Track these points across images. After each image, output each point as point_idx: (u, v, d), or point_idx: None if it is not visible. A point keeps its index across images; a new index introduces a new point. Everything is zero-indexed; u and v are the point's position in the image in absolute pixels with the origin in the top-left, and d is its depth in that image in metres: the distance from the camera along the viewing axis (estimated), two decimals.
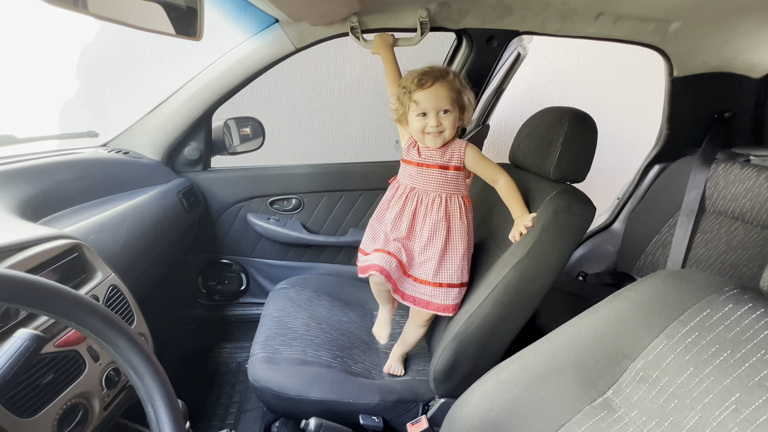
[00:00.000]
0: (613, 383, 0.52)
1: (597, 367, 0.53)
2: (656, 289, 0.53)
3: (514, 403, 0.57)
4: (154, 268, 1.06)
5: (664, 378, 0.47)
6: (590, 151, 0.88)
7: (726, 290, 0.47)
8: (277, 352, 0.94)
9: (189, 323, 1.45)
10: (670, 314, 0.49)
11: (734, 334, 0.43)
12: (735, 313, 0.45)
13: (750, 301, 0.45)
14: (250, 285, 1.46)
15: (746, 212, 1.13)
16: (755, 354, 0.41)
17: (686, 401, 0.44)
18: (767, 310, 0.43)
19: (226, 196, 1.35)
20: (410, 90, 0.85)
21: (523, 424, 0.56)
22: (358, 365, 0.99)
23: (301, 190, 1.38)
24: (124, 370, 0.43)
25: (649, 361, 0.49)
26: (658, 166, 1.45)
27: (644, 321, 0.51)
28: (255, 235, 1.40)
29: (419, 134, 0.87)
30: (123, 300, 0.71)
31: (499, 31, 1.06)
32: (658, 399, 0.47)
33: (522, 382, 0.58)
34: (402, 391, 0.92)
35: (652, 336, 0.50)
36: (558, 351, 0.57)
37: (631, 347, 0.51)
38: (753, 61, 1.18)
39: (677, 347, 0.47)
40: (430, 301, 0.90)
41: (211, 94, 1.14)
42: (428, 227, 0.89)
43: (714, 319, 0.46)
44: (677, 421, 0.44)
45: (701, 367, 0.44)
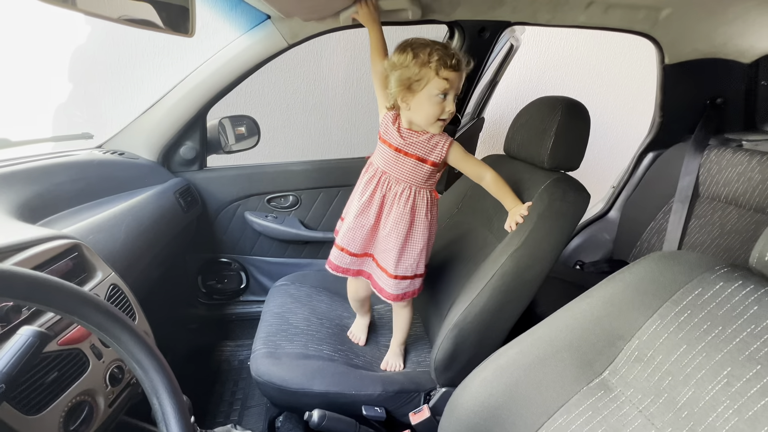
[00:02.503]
0: (609, 364, 0.53)
1: (593, 348, 0.54)
2: (649, 270, 0.54)
3: (513, 387, 0.58)
4: (153, 268, 1.06)
5: (659, 356, 0.48)
6: (584, 140, 0.89)
7: (717, 269, 0.48)
8: (279, 347, 0.95)
9: (190, 323, 1.46)
10: (664, 294, 0.50)
11: (725, 311, 0.44)
12: (726, 290, 0.46)
13: (740, 279, 0.46)
14: (249, 283, 1.47)
15: (739, 196, 1.14)
16: (745, 329, 0.42)
17: (680, 378, 0.45)
18: (756, 287, 0.44)
19: (223, 195, 1.35)
20: (438, 65, 0.75)
21: (523, 407, 0.57)
22: (360, 358, 1.00)
23: (298, 186, 1.38)
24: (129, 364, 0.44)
25: (644, 340, 0.50)
26: (652, 154, 1.46)
27: (638, 302, 0.52)
28: (253, 233, 1.40)
29: (429, 117, 0.79)
30: (124, 299, 0.71)
31: (490, 23, 1.07)
32: (653, 377, 0.48)
33: (520, 367, 0.59)
34: (404, 381, 0.93)
35: (646, 316, 0.51)
36: (555, 335, 0.58)
37: (626, 328, 0.52)
38: (743, 46, 1.19)
39: (671, 326, 0.48)
40: (383, 289, 0.92)
41: (204, 92, 1.14)
42: (392, 218, 0.87)
43: (706, 297, 0.47)
44: (672, 398, 0.45)
45: (694, 344, 0.45)
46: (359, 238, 0.91)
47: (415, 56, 0.76)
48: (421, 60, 0.75)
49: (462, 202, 1.15)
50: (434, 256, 1.05)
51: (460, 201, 1.16)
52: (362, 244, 0.92)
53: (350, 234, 0.91)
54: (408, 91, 0.78)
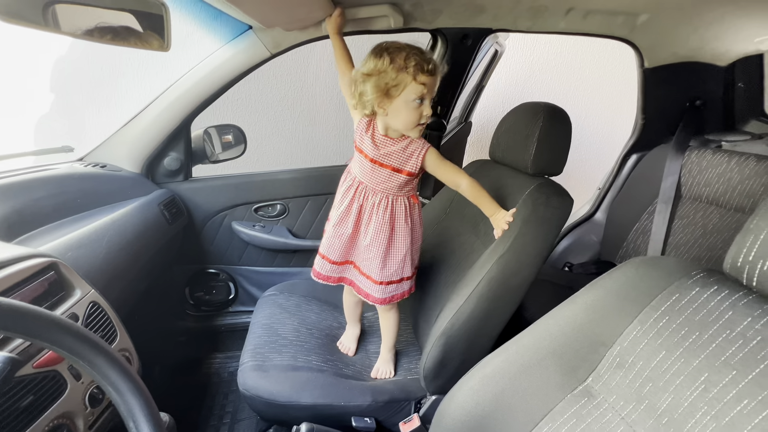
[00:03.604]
0: (592, 370, 0.53)
1: (577, 355, 0.55)
2: (629, 276, 0.54)
3: (499, 396, 0.58)
4: (139, 281, 1.04)
5: (639, 362, 0.48)
6: (566, 145, 0.90)
7: (693, 274, 0.49)
8: (267, 360, 0.94)
9: (178, 335, 1.43)
10: (643, 300, 0.51)
11: (701, 316, 0.45)
12: (702, 296, 0.46)
13: (715, 284, 0.46)
14: (238, 293, 1.45)
15: (719, 197, 1.16)
16: (721, 334, 0.42)
17: (660, 384, 0.45)
18: (731, 292, 0.44)
19: (210, 206, 1.33)
20: (415, 70, 0.73)
21: (509, 416, 0.57)
22: (349, 368, 1.00)
23: (285, 195, 1.38)
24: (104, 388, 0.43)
25: (625, 347, 0.51)
26: (636, 156, 1.48)
27: (619, 308, 0.53)
28: (241, 243, 1.39)
29: (408, 123, 0.78)
30: (104, 316, 0.70)
31: (472, 30, 1.08)
32: (634, 383, 0.48)
33: (506, 375, 0.59)
34: (394, 390, 0.92)
35: (626, 322, 0.51)
36: (539, 342, 0.58)
37: (608, 334, 0.53)
38: (719, 49, 1.21)
39: (650, 332, 0.49)
40: (369, 294, 0.92)
41: (188, 103, 1.13)
42: (372, 228, 0.87)
43: (683, 302, 0.47)
44: (652, 404, 0.45)
45: (672, 350, 0.45)
46: (338, 247, 0.91)
47: (392, 61, 0.74)
48: (398, 65, 0.74)
49: (450, 207, 1.16)
50: (423, 262, 1.05)
51: (447, 207, 1.16)
52: (342, 252, 0.92)
53: (329, 242, 0.92)
54: (385, 96, 0.76)
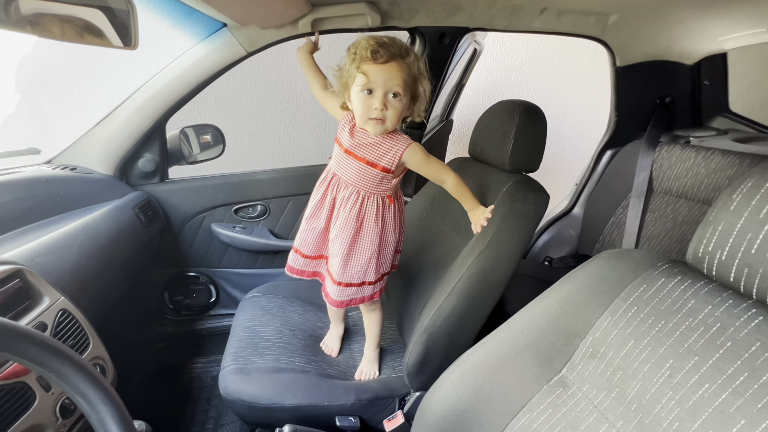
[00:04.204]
0: (567, 361, 0.55)
1: (552, 347, 0.56)
2: (600, 269, 0.56)
3: (479, 390, 0.59)
4: (114, 287, 1.01)
5: (610, 352, 0.50)
6: (541, 142, 0.92)
7: (659, 265, 0.51)
8: (249, 363, 0.93)
9: (158, 341, 1.40)
10: (613, 292, 0.52)
11: (667, 306, 0.47)
12: (667, 286, 0.48)
13: (679, 274, 0.48)
14: (220, 296, 1.42)
15: (688, 190, 1.21)
16: (684, 322, 0.44)
17: (629, 372, 0.47)
18: (693, 281, 0.46)
19: (188, 207, 1.31)
20: (360, 58, 0.71)
21: (488, 409, 0.58)
22: (333, 368, 0.99)
23: (266, 195, 1.36)
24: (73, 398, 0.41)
25: (597, 337, 0.52)
26: (610, 152, 1.53)
27: (591, 300, 0.54)
28: (221, 245, 1.36)
29: (361, 116, 0.76)
30: (75, 324, 0.68)
31: (449, 29, 1.09)
32: (606, 372, 0.50)
33: (485, 370, 0.60)
34: (377, 388, 0.93)
35: (598, 314, 0.53)
36: (516, 336, 0.59)
37: (581, 326, 0.54)
38: (686, 48, 1.26)
39: (620, 322, 0.50)
40: (328, 294, 0.92)
41: (162, 102, 1.10)
42: (338, 223, 0.84)
43: (650, 293, 0.49)
44: (622, 391, 0.47)
45: (640, 339, 0.47)
46: (311, 240, 0.90)
47: (348, 54, 0.75)
48: (350, 53, 0.74)
49: (431, 205, 1.16)
50: (405, 259, 1.06)
51: (429, 204, 1.17)
52: (315, 246, 0.91)
53: (302, 236, 0.91)
54: (345, 89, 0.77)
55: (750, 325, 0.39)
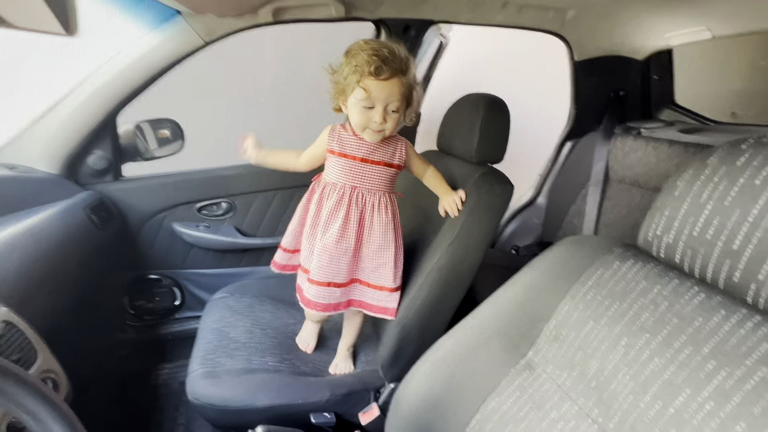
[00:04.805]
0: (532, 345, 0.57)
1: (518, 332, 0.58)
2: (560, 255, 0.58)
3: (450, 378, 0.61)
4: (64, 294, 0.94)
5: (572, 334, 0.53)
6: (505, 133, 0.94)
7: (614, 250, 0.54)
8: (218, 365, 0.90)
9: (119, 349, 1.32)
10: (573, 277, 0.55)
11: (621, 287, 0.50)
12: (621, 269, 0.51)
13: (631, 258, 0.51)
14: (185, 299, 1.37)
15: (640, 178, 1.29)
16: (636, 302, 0.47)
17: (589, 351, 0.50)
18: (644, 263, 0.49)
19: (146, 207, 1.23)
20: (360, 72, 0.72)
21: (460, 395, 0.59)
22: (308, 365, 0.98)
23: (231, 192, 1.31)
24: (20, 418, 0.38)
25: (560, 320, 0.55)
26: (570, 143, 1.60)
27: (553, 285, 0.57)
28: (184, 245, 1.30)
29: (359, 125, 0.78)
30: (20, 336, 0.62)
31: (414, 21, 1.08)
32: (568, 353, 0.52)
33: (456, 358, 0.61)
34: (352, 383, 0.93)
35: (559, 298, 0.55)
36: (485, 323, 0.61)
37: (544, 310, 0.57)
38: (636, 44, 1.33)
39: (579, 305, 0.53)
40: (388, 308, 0.88)
41: (112, 94, 1.02)
42: (377, 231, 0.84)
43: (605, 276, 0.52)
44: (582, 370, 0.49)
45: (598, 320, 0.50)
46: (344, 265, 0.84)
47: (348, 60, 0.75)
48: (351, 65, 0.74)
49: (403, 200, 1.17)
50: None
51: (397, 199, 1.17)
52: (348, 271, 0.85)
53: (334, 265, 0.83)
54: (342, 95, 0.78)
55: (693, 302, 0.43)
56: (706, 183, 0.41)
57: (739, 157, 0.39)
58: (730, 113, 1.86)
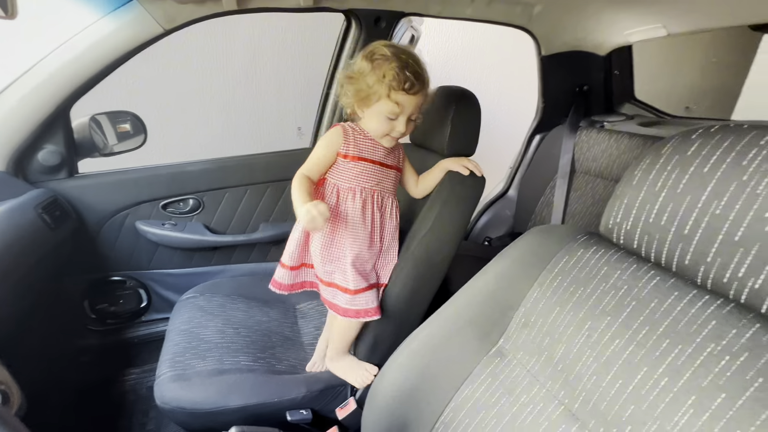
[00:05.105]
0: (503, 333, 0.59)
1: (489, 321, 0.60)
2: (529, 244, 0.60)
3: (425, 368, 0.61)
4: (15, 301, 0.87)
5: (540, 320, 0.54)
6: (476, 127, 0.96)
7: (578, 238, 0.56)
8: (189, 368, 0.87)
9: (80, 355, 1.25)
10: (541, 265, 0.57)
11: (585, 274, 0.52)
12: (585, 256, 0.53)
13: (594, 245, 0.53)
14: (152, 300, 1.31)
15: (604, 170, 1.35)
16: (599, 287, 0.49)
17: (555, 336, 0.51)
18: (606, 250, 0.52)
19: (106, 205, 1.17)
20: (389, 86, 0.73)
21: (435, 385, 0.60)
22: (283, 363, 0.97)
23: (198, 188, 1.26)
24: None
25: (528, 308, 0.56)
26: (539, 136, 1.64)
27: (522, 274, 0.58)
28: (149, 245, 1.24)
29: (378, 132, 0.79)
30: None
31: (385, 12, 1.07)
32: (536, 339, 0.54)
33: (430, 348, 0.62)
34: (329, 378, 0.92)
35: (529, 286, 0.57)
36: (458, 313, 0.62)
37: (514, 298, 0.58)
38: (598, 40, 1.38)
39: (547, 292, 0.55)
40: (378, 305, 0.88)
41: (62, 84, 0.95)
42: (389, 233, 0.87)
43: (571, 263, 0.54)
44: (550, 355, 0.51)
45: (564, 306, 0.52)
46: (370, 265, 0.87)
47: (373, 69, 0.74)
48: (377, 75, 0.73)
49: None
50: None
51: None
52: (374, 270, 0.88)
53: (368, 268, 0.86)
54: (363, 102, 0.77)
55: (649, 285, 0.45)
56: (660, 172, 0.43)
57: (689, 147, 0.41)
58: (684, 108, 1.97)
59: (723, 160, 0.38)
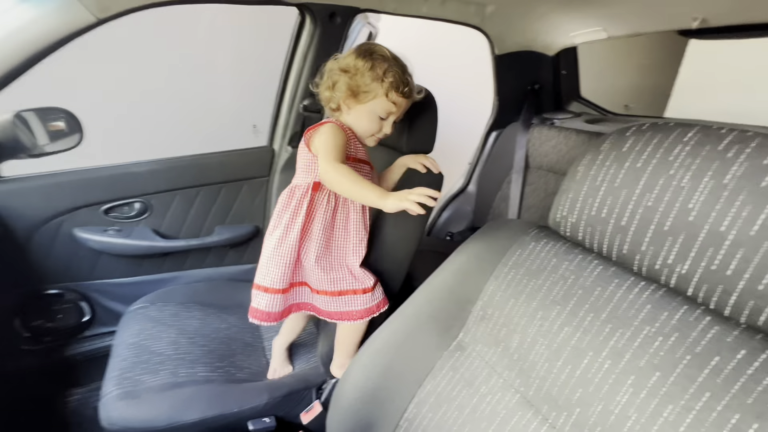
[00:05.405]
0: (463, 326, 0.60)
1: (450, 315, 0.61)
2: (485, 239, 0.62)
3: (388, 367, 0.61)
4: None
5: (496, 312, 0.56)
6: (434, 124, 0.97)
7: (530, 231, 0.58)
8: (138, 384, 0.81)
9: (12, 378, 1.13)
10: (496, 259, 0.58)
11: (536, 266, 0.54)
12: (536, 248, 0.55)
13: (545, 237, 0.56)
14: (96, 313, 1.21)
15: (554, 165, 1.42)
16: (549, 278, 0.52)
17: (511, 327, 0.53)
18: (555, 243, 0.54)
19: (36, 211, 1.06)
20: (388, 87, 0.73)
21: (398, 382, 0.60)
22: (243, 371, 0.93)
23: (145, 191, 1.17)
24: None
25: (486, 300, 0.58)
26: (495, 133, 1.70)
27: (479, 268, 0.60)
28: (90, 253, 1.15)
29: (366, 132, 0.78)
30: None
31: (340, 8, 1.06)
32: (493, 331, 0.55)
33: (393, 346, 0.62)
34: (292, 383, 0.90)
35: (485, 279, 0.59)
36: (419, 309, 0.63)
37: (472, 292, 0.60)
38: (547, 41, 1.45)
39: (502, 284, 0.57)
40: None
41: None
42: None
43: (523, 256, 0.56)
44: (507, 345, 0.53)
45: (518, 297, 0.54)
46: None
47: (372, 67, 0.73)
48: (376, 73, 0.73)
49: None
50: None
51: None
52: None
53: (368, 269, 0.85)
54: (353, 97, 0.75)
55: (593, 274, 0.48)
56: (600, 167, 0.45)
57: (624, 144, 0.44)
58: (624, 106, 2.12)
59: (653, 156, 0.40)
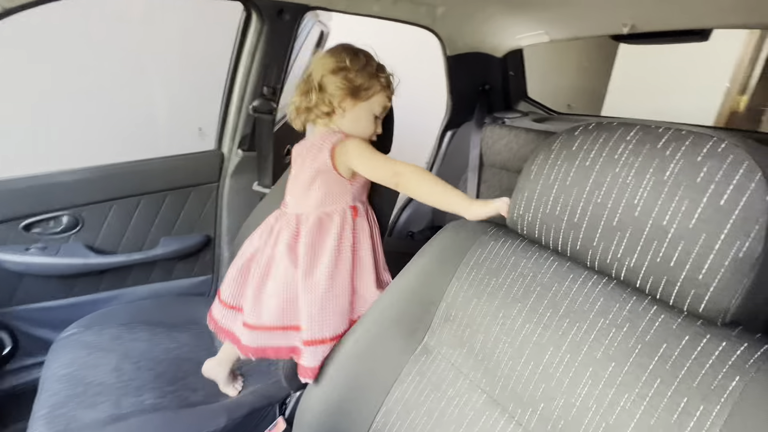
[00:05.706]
0: (428, 329, 0.59)
1: (414, 318, 0.60)
2: (445, 240, 0.62)
3: (353, 377, 0.59)
4: None
5: (460, 313, 0.56)
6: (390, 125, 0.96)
7: (489, 231, 0.59)
8: (73, 421, 0.72)
9: None
10: (457, 259, 0.59)
11: (496, 265, 0.55)
12: (495, 248, 0.56)
13: (503, 236, 0.57)
14: (19, 343, 1.06)
15: (507, 162, 1.48)
16: (509, 277, 0.52)
17: (474, 327, 0.53)
18: (513, 241, 0.55)
19: None
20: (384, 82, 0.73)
21: (366, 392, 0.59)
22: (197, 393, 0.86)
23: (74, 202, 1.05)
24: None
25: (449, 302, 0.58)
26: (450, 132, 1.73)
27: (441, 269, 0.60)
28: (9, 276, 1.01)
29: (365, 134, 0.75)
30: None
31: (289, 4, 1.01)
32: (458, 332, 0.55)
33: (357, 356, 0.60)
34: (253, 401, 0.85)
35: (447, 281, 0.59)
36: (382, 315, 0.61)
37: (435, 294, 0.59)
38: (494, 43, 1.50)
39: (464, 285, 0.57)
40: None
41: None
42: None
43: (483, 256, 0.56)
44: (471, 346, 0.53)
45: (480, 297, 0.54)
46: None
47: (366, 64, 0.71)
48: (370, 71, 0.71)
49: None
50: None
51: None
52: None
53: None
54: (350, 96, 0.71)
55: (550, 271, 0.49)
56: (552, 166, 0.47)
57: (574, 143, 0.45)
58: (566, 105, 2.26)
59: (600, 154, 0.42)
